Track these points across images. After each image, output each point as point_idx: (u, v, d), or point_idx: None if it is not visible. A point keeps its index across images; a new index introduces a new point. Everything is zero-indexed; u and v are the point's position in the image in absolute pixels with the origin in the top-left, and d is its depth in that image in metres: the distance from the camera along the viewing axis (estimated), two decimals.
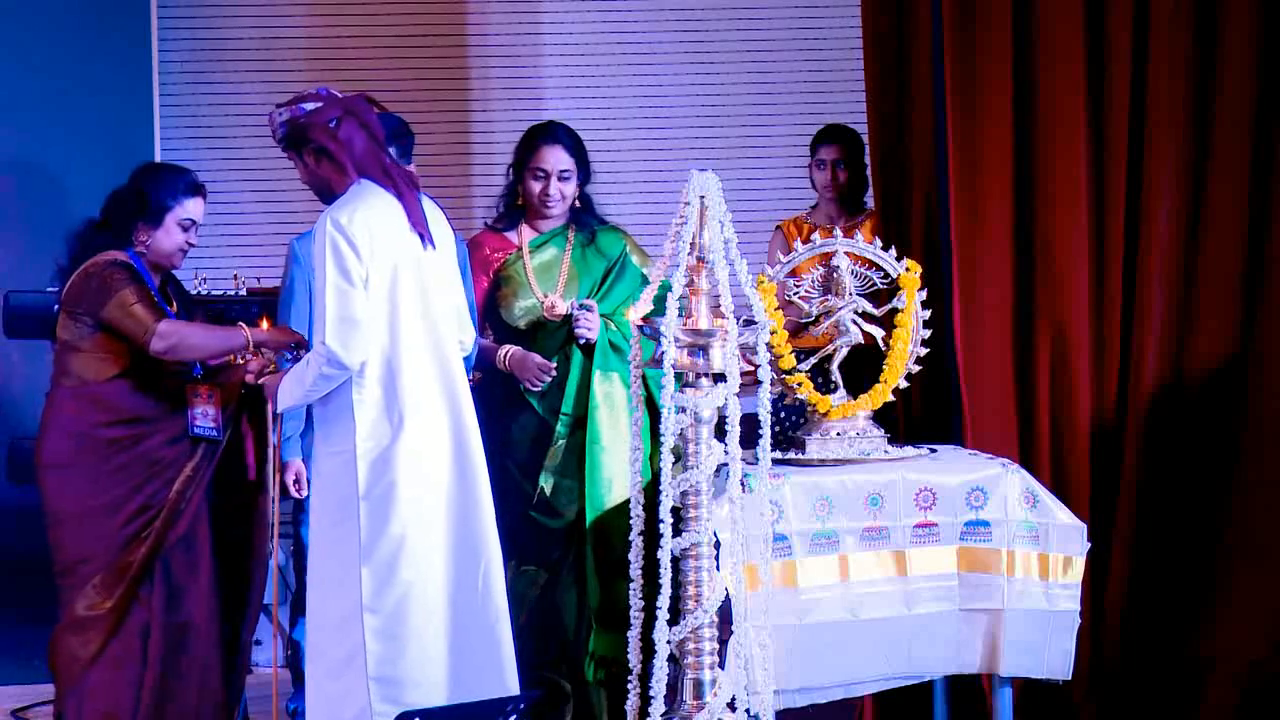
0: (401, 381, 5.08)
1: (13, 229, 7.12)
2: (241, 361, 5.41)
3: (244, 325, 5.40)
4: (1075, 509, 5.45)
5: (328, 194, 5.14)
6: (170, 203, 5.42)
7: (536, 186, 5.85)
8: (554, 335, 5.83)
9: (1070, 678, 5.40)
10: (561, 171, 5.84)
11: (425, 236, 5.15)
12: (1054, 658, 5.35)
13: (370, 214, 5.03)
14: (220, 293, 6.31)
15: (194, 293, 6.32)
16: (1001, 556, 5.30)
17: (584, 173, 5.89)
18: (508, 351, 5.80)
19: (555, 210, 5.88)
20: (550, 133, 5.90)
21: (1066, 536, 5.33)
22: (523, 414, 5.84)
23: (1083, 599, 5.38)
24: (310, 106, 5.10)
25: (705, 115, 7.88)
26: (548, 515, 5.80)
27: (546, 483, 5.80)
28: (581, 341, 5.77)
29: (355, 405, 5.04)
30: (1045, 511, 5.34)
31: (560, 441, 5.81)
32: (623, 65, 7.88)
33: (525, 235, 5.91)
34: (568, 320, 5.78)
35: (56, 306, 5.48)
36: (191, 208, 5.46)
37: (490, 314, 5.90)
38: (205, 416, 5.31)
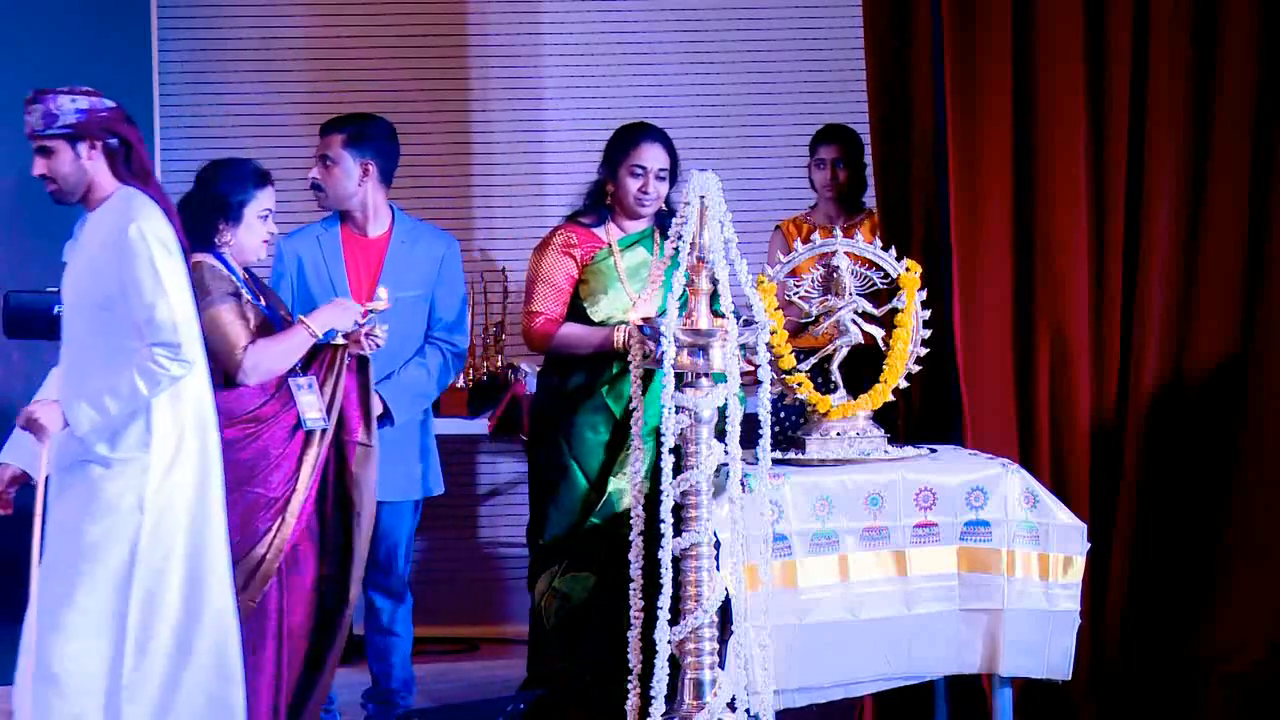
0: (184, 391, 5.04)
1: (13, 229, 7.11)
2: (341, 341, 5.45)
3: (302, 319, 5.40)
4: (1075, 509, 5.46)
5: (76, 193, 5.08)
6: (246, 197, 5.42)
7: (634, 184, 5.84)
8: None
9: (1070, 678, 5.41)
10: (659, 170, 5.85)
11: (187, 250, 5.14)
12: (1054, 658, 5.35)
13: (164, 223, 5.02)
14: None
15: None
16: (1001, 556, 5.31)
17: (675, 176, 5.89)
18: (626, 330, 5.74)
19: (648, 209, 5.87)
20: (650, 131, 5.91)
21: (1066, 536, 5.34)
22: (598, 415, 5.81)
23: (1083, 599, 5.38)
24: (111, 104, 5.10)
25: (705, 115, 7.87)
26: (613, 522, 5.76)
27: (618, 489, 5.75)
28: None
29: (153, 408, 4.99)
30: (1045, 511, 5.34)
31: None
32: (623, 65, 7.88)
33: (613, 234, 5.90)
34: None
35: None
36: (265, 198, 5.46)
37: (571, 308, 5.86)
38: (311, 408, 5.33)
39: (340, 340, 5.47)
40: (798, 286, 5.48)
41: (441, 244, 6.09)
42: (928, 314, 5.47)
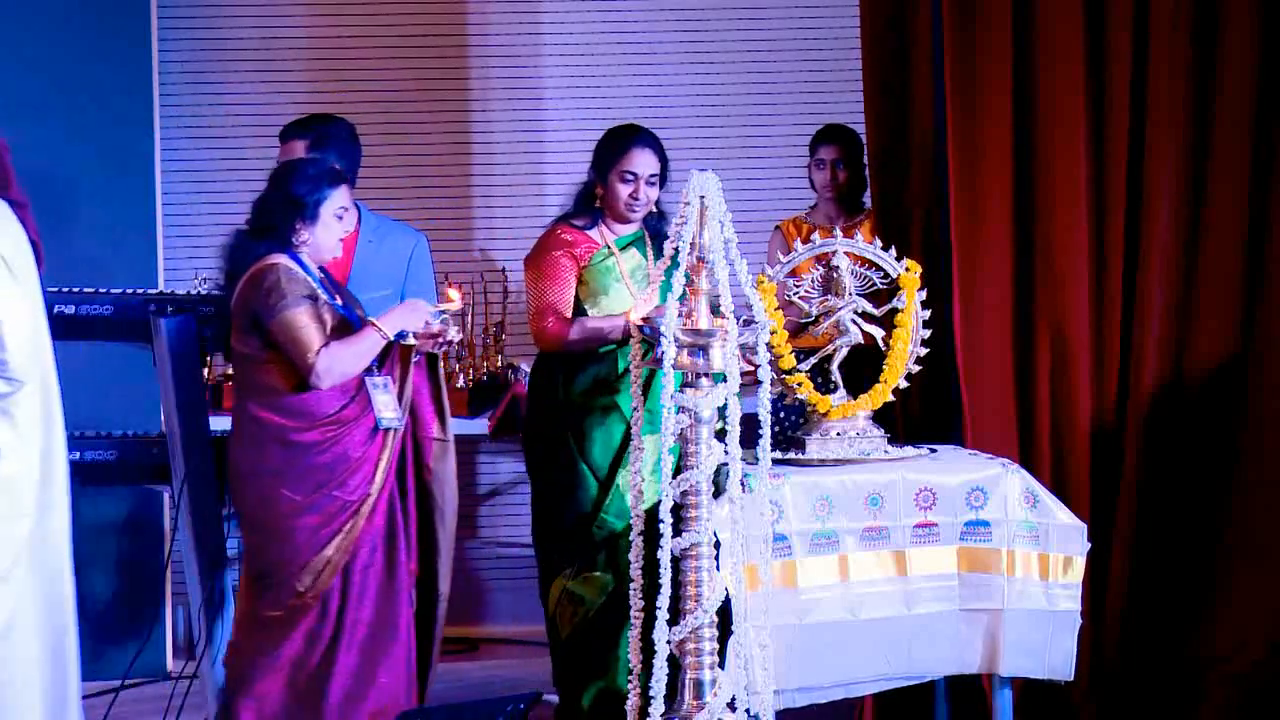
0: (17, 407, 4.97)
1: None
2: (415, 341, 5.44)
3: (373, 322, 5.37)
4: (1075, 509, 5.46)
5: None
6: (322, 196, 5.41)
7: (625, 189, 5.79)
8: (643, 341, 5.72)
9: (1071, 678, 5.41)
10: (650, 176, 5.79)
11: (40, 254, 5.09)
12: (1054, 658, 5.35)
13: (16, 226, 5.00)
14: (220, 292, 6.29)
15: (193, 292, 6.31)
16: (1002, 556, 5.31)
17: (665, 178, 5.85)
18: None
19: (639, 214, 5.82)
20: (640, 135, 5.85)
21: (1066, 536, 5.34)
22: (609, 416, 5.78)
23: (1083, 599, 5.38)
24: None
25: (705, 115, 7.87)
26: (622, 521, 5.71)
27: (626, 481, 5.70)
28: None
29: None
30: (1045, 511, 5.34)
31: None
32: (623, 65, 7.88)
33: (608, 235, 5.85)
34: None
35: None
36: (339, 196, 5.45)
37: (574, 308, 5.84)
38: (387, 407, 5.34)
39: (411, 340, 5.45)
40: (798, 286, 5.48)
41: (409, 241, 6.05)
42: (928, 314, 5.47)
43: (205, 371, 6.44)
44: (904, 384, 5.48)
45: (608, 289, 5.83)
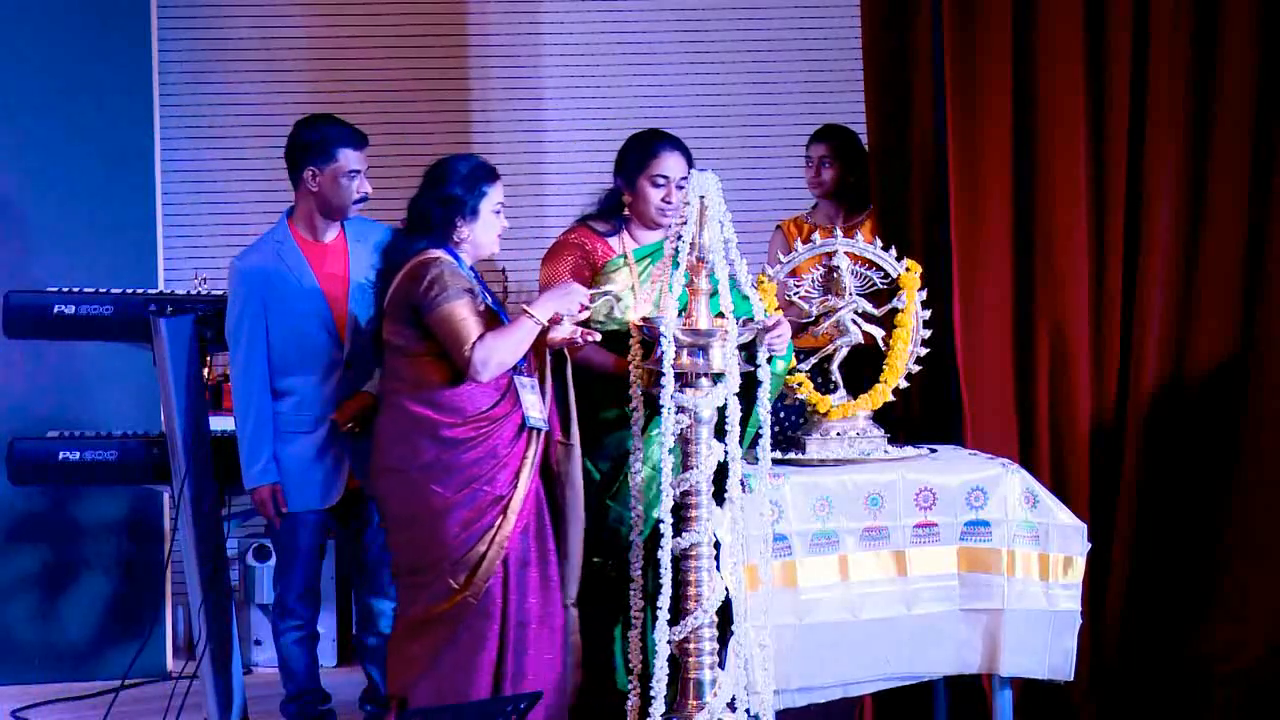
0: None
1: (13, 229, 7.11)
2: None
3: (526, 309, 5.29)
4: (1075, 509, 5.46)
5: None
6: (481, 193, 5.39)
7: (657, 194, 5.60)
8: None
9: (1071, 678, 5.41)
10: (680, 179, 5.63)
11: None
12: (1055, 658, 5.36)
13: None
14: (220, 292, 6.30)
15: (193, 292, 6.31)
16: (1002, 556, 5.31)
17: None
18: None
19: (670, 219, 5.66)
20: (669, 138, 5.68)
21: (1067, 536, 5.34)
22: (619, 430, 5.68)
23: (1083, 599, 5.39)
24: None
25: (705, 115, 7.87)
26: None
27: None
28: None
29: None
30: (1045, 511, 5.34)
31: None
32: (623, 65, 7.88)
33: (628, 244, 5.74)
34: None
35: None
36: (497, 193, 5.41)
37: None
38: (534, 406, 5.31)
39: (561, 330, 5.33)
40: (798, 286, 5.49)
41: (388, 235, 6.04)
42: (928, 314, 5.47)
43: (205, 371, 6.43)
44: (904, 384, 5.48)
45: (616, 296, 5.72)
